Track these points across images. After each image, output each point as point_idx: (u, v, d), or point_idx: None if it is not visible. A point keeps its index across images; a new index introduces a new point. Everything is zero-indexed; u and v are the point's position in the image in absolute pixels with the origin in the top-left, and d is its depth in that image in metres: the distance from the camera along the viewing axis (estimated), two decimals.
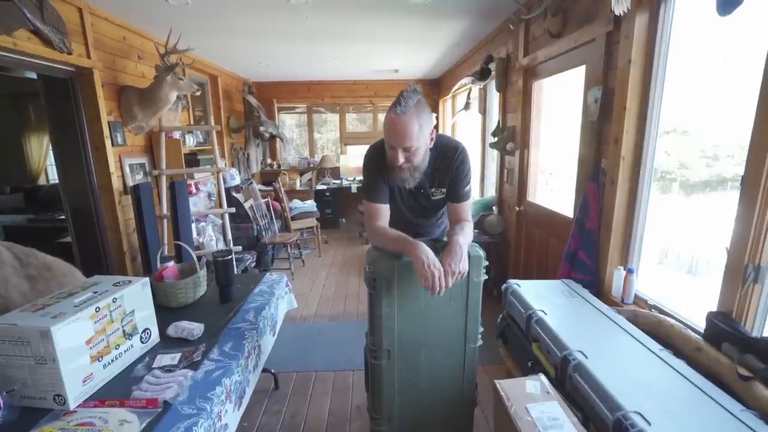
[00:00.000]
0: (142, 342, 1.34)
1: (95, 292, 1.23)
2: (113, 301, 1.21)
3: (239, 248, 3.51)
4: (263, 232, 4.06)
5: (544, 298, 1.66)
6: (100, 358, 1.15)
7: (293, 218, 4.76)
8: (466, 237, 1.26)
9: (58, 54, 2.26)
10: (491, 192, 3.70)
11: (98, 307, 1.15)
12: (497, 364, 2.21)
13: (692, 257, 1.86)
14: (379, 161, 1.38)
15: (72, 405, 1.04)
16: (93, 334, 1.13)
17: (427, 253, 1.15)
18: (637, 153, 1.67)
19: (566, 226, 2.22)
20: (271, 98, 5.97)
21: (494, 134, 3.11)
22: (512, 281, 1.81)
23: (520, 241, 2.92)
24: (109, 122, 2.72)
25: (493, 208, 3.41)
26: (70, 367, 1.04)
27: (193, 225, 3.71)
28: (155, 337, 1.41)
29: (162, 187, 3.15)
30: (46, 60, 2.22)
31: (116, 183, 2.78)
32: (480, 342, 1.42)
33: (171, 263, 1.89)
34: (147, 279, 1.37)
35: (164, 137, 3.17)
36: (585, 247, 1.88)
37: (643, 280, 1.75)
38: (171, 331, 1.45)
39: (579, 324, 1.44)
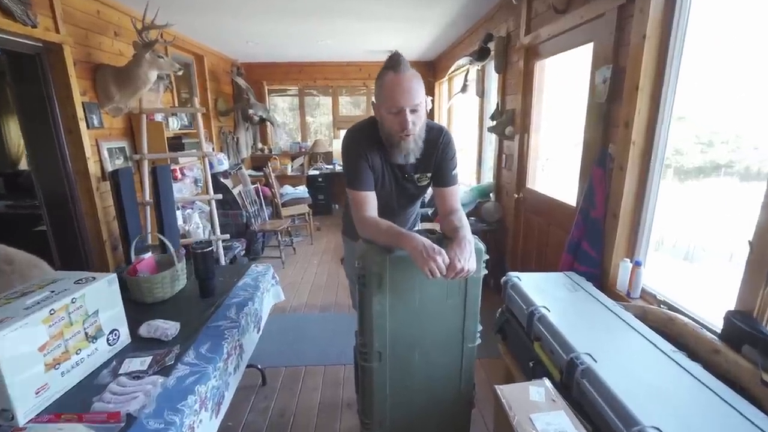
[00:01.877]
0: (110, 344, 1.22)
1: (53, 291, 1.10)
2: (72, 302, 1.09)
3: (227, 236, 3.38)
4: (253, 219, 3.93)
5: (545, 292, 1.56)
6: (57, 366, 1.04)
7: (284, 204, 4.62)
8: (469, 231, 1.15)
9: (21, 27, 2.07)
10: (488, 178, 3.58)
11: (53, 310, 1.03)
12: (494, 357, 2.13)
13: (689, 244, 1.79)
14: (363, 144, 1.26)
15: (22, 420, 0.92)
16: (47, 339, 1.01)
17: (423, 242, 1.04)
18: (648, 137, 1.55)
19: (568, 215, 2.12)
20: (261, 80, 5.75)
21: (493, 118, 2.97)
22: (512, 274, 1.70)
23: (519, 229, 2.81)
24: (83, 103, 2.54)
25: (491, 194, 3.29)
26: (19, 378, 0.92)
27: (179, 212, 3.57)
28: (125, 337, 1.29)
29: (144, 172, 2.99)
30: (7, 33, 2.03)
31: (93, 168, 2.61)
32: (478, 341, 1.32)
33: (148, 255, 1.77)
34: (114, 275, 1.24)
35: (145, 120, 3.00)
36: (589, 237, 1.77)
37: (646, 270, 1.65)
38: (143, 330, 1.33)
39: (584, 322, 1.34)
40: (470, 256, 1.06)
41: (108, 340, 1.22)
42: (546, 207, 2.40)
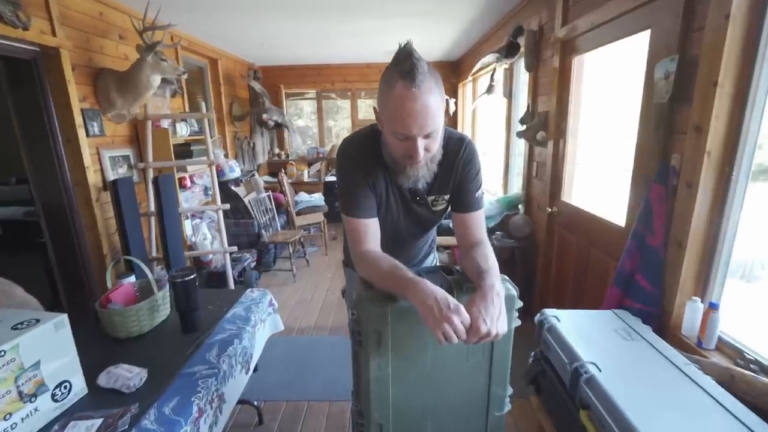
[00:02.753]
0: (57, 400, 1.02)
1: None
2: (0, 356, 0.88)
3: (234, 248, 3.20)
4: (264, 230, 3.75)
5: (592, 339, 1.26)
6: None
7: (299, 213, 4.43)
8: (498, 276, 0.87)
9: (12, 30, 1.94)
10: (516, 186, 3.25)
11: None
12: (523, 398, 1.82)
13: (745, 260, 1.45)
14: (362, 158, 1.00)
15: None
16: None
17: (435, 293, 0.78)
18: (729, 147, 1.22)
19: (614, 237, 1.79)
20: (278, 83, 5.61)
21: (523, 121, 2.65)
22: (549, 312, 1.40)
23: (552, 248, 2.48)
24: (82, 110, 2.41)
25: (519, 206, 2.97)
26: None
27: (188, 222, 3.43)
28: (80, 389, 1.08)
29: (149, 181, 2.85)
30: None
31: (93, 178, 2.48)
32: (508, 407, 1.04)
33: (128, 280, 1.57)
34: (63, 317, 1.03)
35: (151, 126, 2.86)
36: (645, 268, 1.45)
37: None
38: (102, 380, 1.13)
39: (649, 389, 1.03)
40: (500, 314, 0.79)
41: (54, 395, 1.01)
42: (585, 225, 2.08)
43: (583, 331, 1.31)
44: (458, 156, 1.04)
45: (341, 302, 3.13)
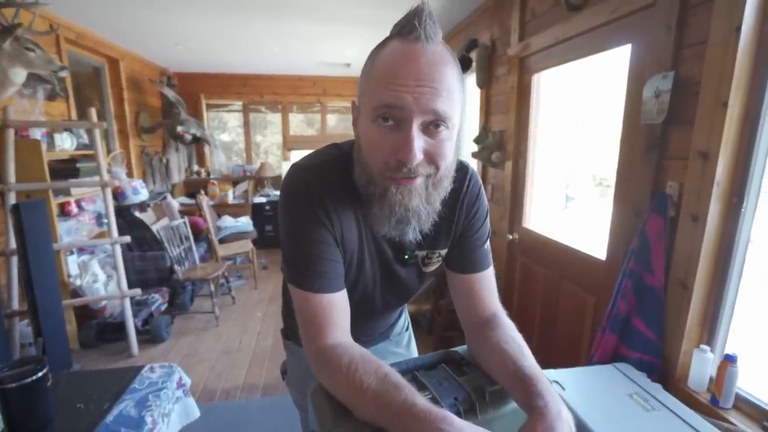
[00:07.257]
0: None
1: None
2: None
3: (138, 291, 2.56)
4: (179, 263, 3.11)
5: (610, 414, 1.01)
6: None
7: (222, 241, 3.82)
8: (549, 384, 0.55)
9: None
10: None
11: None
12: None
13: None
14: (322, 195, 0.63)
15: None
16: None
17: None
18: (738, 174, 1.08)
19: (590, 269, 1.62)
20: (197, 92, 4.96)
21: (477, 141, 2.48)
22: (549, 375, 1.14)
23: (513, 279, 2.30)
24: None
25: None
26: None
27: (72, 258, 2.70)
28: None
29: (8, 209, 2.15)
30: None
31: None
32: None
33: None
34: None
35: (13, 136, 2.18)
36: (644, 312, 1.26)
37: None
38: None
39: None
40: None
41: None
42: (554, 255, 1.90)
43: (596, 402, 1.06)
44: (461, 191, 0.72)
45: (276, 348, 2.64)
